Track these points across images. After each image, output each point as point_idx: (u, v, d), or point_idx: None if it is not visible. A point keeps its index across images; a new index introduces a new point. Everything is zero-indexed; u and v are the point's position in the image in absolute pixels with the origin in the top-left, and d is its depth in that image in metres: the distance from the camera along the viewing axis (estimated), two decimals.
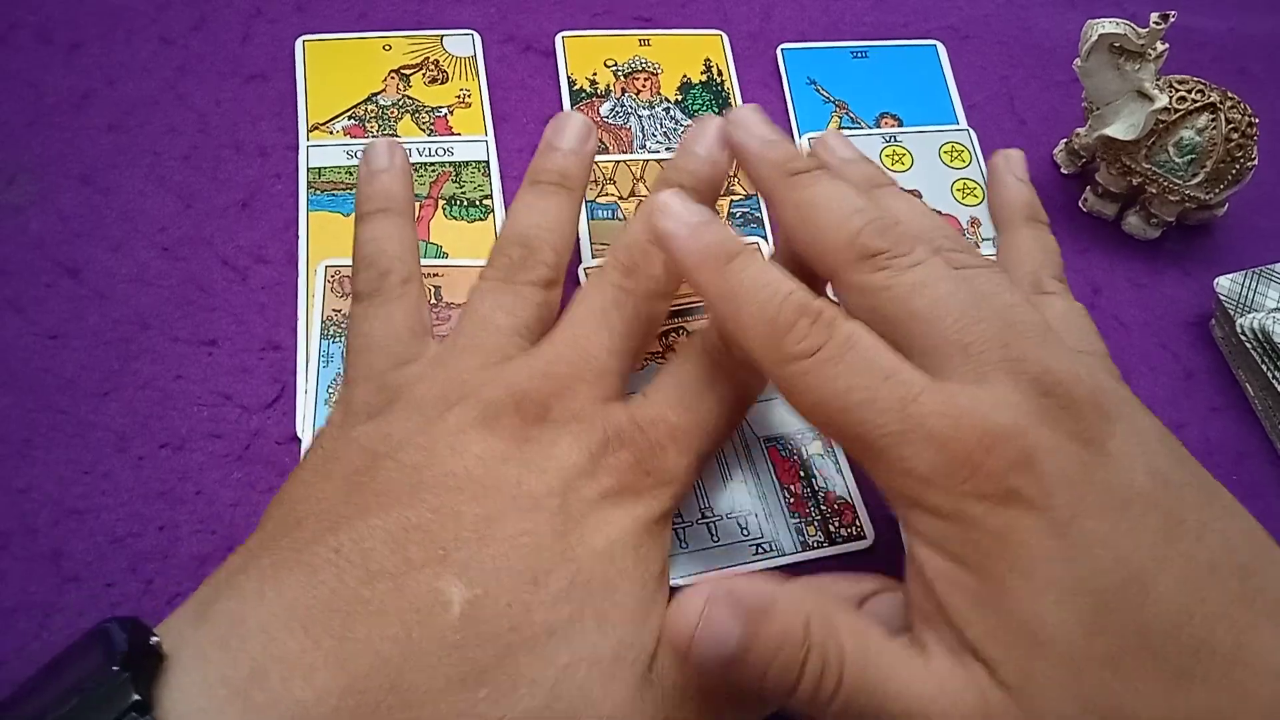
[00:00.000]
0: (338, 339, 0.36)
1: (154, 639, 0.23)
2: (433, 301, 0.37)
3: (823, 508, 0.34)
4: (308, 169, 0.40)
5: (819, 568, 0.29)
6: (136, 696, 0.21)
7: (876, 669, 0.24)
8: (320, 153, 0.40)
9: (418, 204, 0.40)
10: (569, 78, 0.44)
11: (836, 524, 0.34)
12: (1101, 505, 0.24)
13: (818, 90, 0.45)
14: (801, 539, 0.34)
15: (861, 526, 0.34)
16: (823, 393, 0.26)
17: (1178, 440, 0.28)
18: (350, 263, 0.34)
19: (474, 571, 0.25)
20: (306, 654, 0.23)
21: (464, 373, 0.29)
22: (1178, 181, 0.40)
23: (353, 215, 0.39)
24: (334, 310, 0.37)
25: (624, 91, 0.44)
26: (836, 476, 0.35)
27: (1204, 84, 0.39)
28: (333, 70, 0.43)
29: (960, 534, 0.25)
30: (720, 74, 0.45)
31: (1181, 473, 0.26)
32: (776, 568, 0.33)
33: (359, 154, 0.40)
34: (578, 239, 0.38)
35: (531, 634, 0.24)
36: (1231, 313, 0.39)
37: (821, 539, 0.34)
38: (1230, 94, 0.39)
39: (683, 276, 0.30)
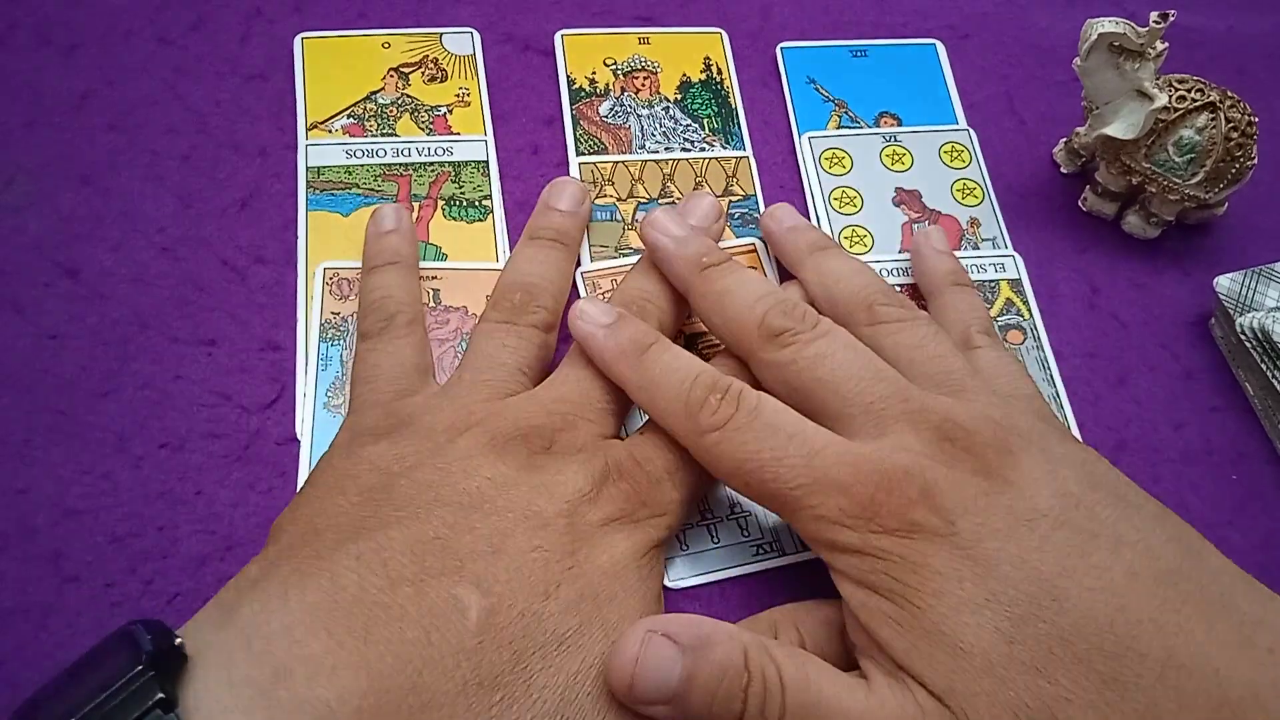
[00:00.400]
0: (336, 341, 0.36)
1: (178, 640, 0.23)
2: (431, 305, 0.37)
3: None
4: (306, 168, 0.40)
5: (820, 567, 0.29)
6: (161, 694, 0.21)
7: (819, 693, 0.26)
8: (319, 152, 0.40)
9: (417, 204, 0.40)
10: (568, 76, 0.44)
11: None
12: (1005, 527, 0.26)
13: (817, 89, 0.45)
14: (801, 540, 0.34)
15: None
16: (736, 457, 0.29)
17: (1105, 462, 0.30)
18: (349, 264, 0.35)
19: (489, 582, 0.26)
20: (330, 655, 0.23)
21: (471, 404, 0.31)
22: (1177, 181, 0.40)
23: (351, 214, 0.39)
24: (333, 313, 0.37)
25: (623, 90, 0.44)
26: None
27: (1204, 83, 0.39)
28: (331, 69, 0.43)
29: (873, 565, 0.27)
30: (720, 73, 0.45)
31: (1096, 493, 0.28)
32: (777, 568, 0.33)
33: (358, 152, 0.40)
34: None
35: (543, 642, 0.26)
36: (1231, 312, 0.39)
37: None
38: (1230, 93, 0.39)
39: (605, 370, 0.32)
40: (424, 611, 0.25)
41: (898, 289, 0.39)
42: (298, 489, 0.33)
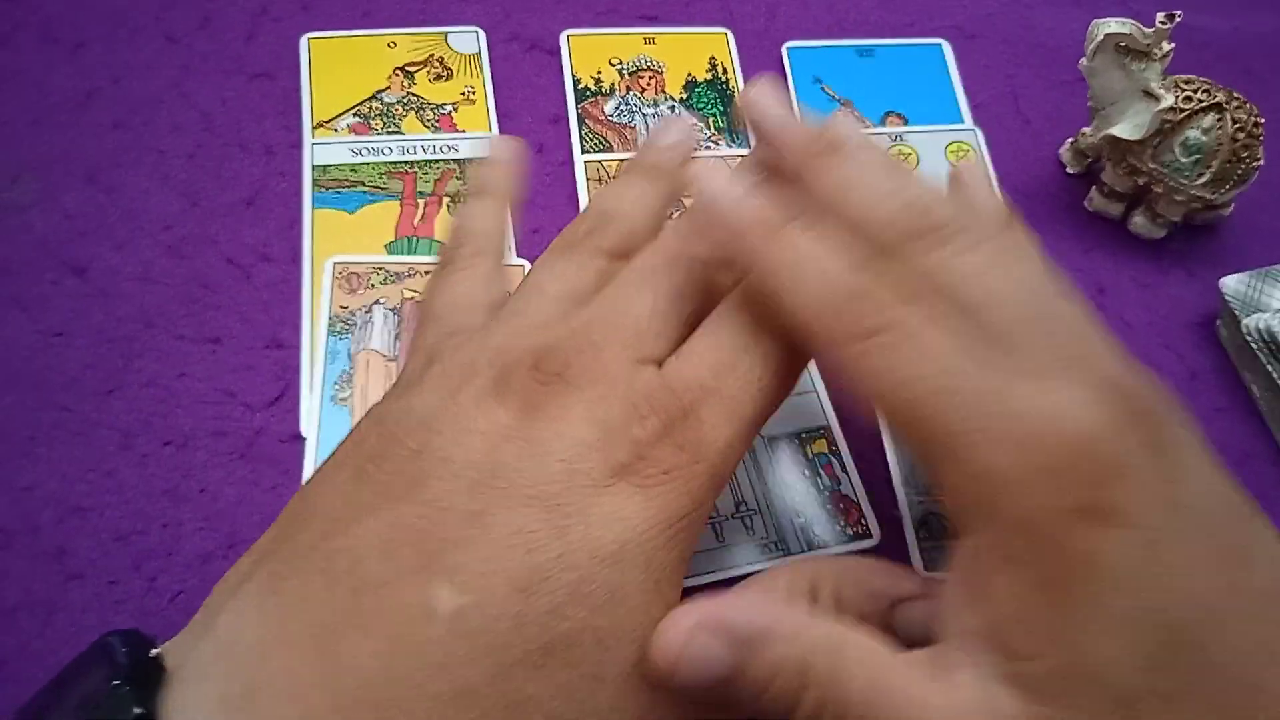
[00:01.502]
0: (344, 336, 0.36)
1: (154, 651, 0.22)
2: None
3: (828, 506, 0.34)
4: (312, 167, 0.40)
5: None
6: (139, 710, 0.20)
7: (888, 699, 0.22)
8: (325, 150, 0.40)
9: (422, 201, 0.40)
10: (574, 76, 0.44)
11: (842, 523, 0.34)
12: (1180, 528, 0.22)
13: (823, 89, 0.45)
14: (809, 537, 0.34)
15: (867, 525, 0.34)
16: (893, 378, 0.23)
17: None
18: (358, 259, 0.35)
19: (463, 576, 0.22)
20: (295, 673, 0.22)
21: (496, 338, 0.26)
22: (1184, 181, 0.39)
23: (357, 212, 0.39)
24: (341, 307, 0.37)
25: (629, 90, 0.44)
26: (842, 475, 0.35)
27: (1210, 84, 0.39)
28: (337, 68, 0.43)
29: (1037, 549, 0.22)
30: (725, 72, 0.45)
31: (1238, 494, 0.24)
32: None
33: (363, 150, 0.40)
34: None
35: (525, 652, 0.22)
36: (1237, 313, 0.39)
37: (828, 538, 0.34)
38: (1236, 94, 0.39)
39: (731, 246, 0.26)
40: (390, 619, 0.22)
41: None
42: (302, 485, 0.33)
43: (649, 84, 0.44)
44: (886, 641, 0.23)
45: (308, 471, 0.34)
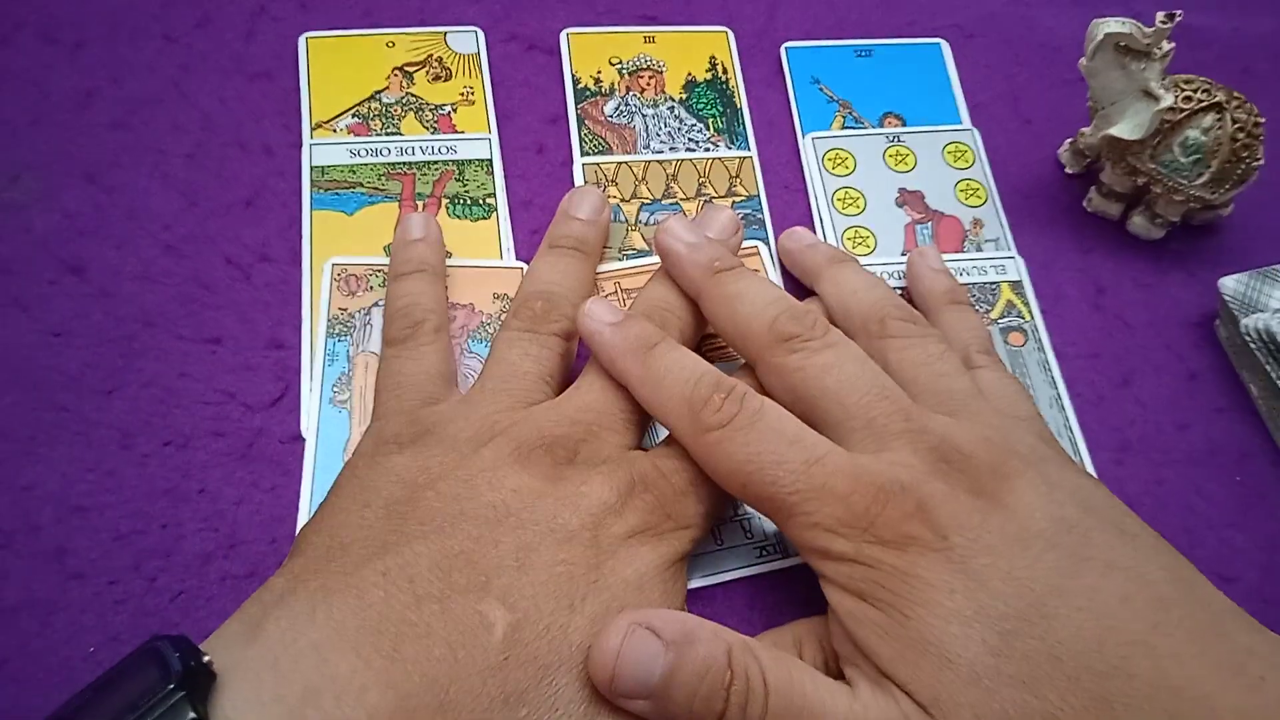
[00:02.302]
0: (343, 337, 0.36)
1: (205, 658, 0.23)
2: None
3: None
4: (311, 167, 0.40)
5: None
6: (193, 714, 0.21)
7: (804, 696, 0.26)
8: (324, 151, 0.40)
9: (421, 203, 0.40)
10: (573, 75, 0.44)
11: None
12: (998, 545, 0.27)
13: (822, 89, 0.45)
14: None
15: None
16: (736, 458, 0.29)
17: (1103, 490, 0.30)
18: (357, 260, 0.36)
19: (514, 597, 0.26)
20: (358, 674, 0.23)
21: (494, 414, 0.31)
22: (1183, 181, 0.39)
23: (356, 213, 0.39)
24: (340, 308, 0.37)
25: (628, 90, 0.44)
26: None
27: (1210, 83, 0.39)
28: (336, 68, 0.43)
29: (864, 574, 0.27)
30: (725, 72, 0.45)
31: (1091, 518, 0.28)
32: (780, 570, 0.33)
33: (362, 151, 0.40)
34: None
35: (569, 656, 0.26)
36: (1236, 313, 0.39)
37: None
38: (1236, 94, 0.39)
39: (609, 367, 0.32)
40: (450, 628, 0.25)
41: (900, 292, 0.39)
42: (302, 486, 0.33)
43: (649, 84, 0.44)
44: (803, 663, 0.28)
45: (308, 472, 0.34)
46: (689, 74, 0.45)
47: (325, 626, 0.24)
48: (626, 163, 0.42)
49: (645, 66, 0.45)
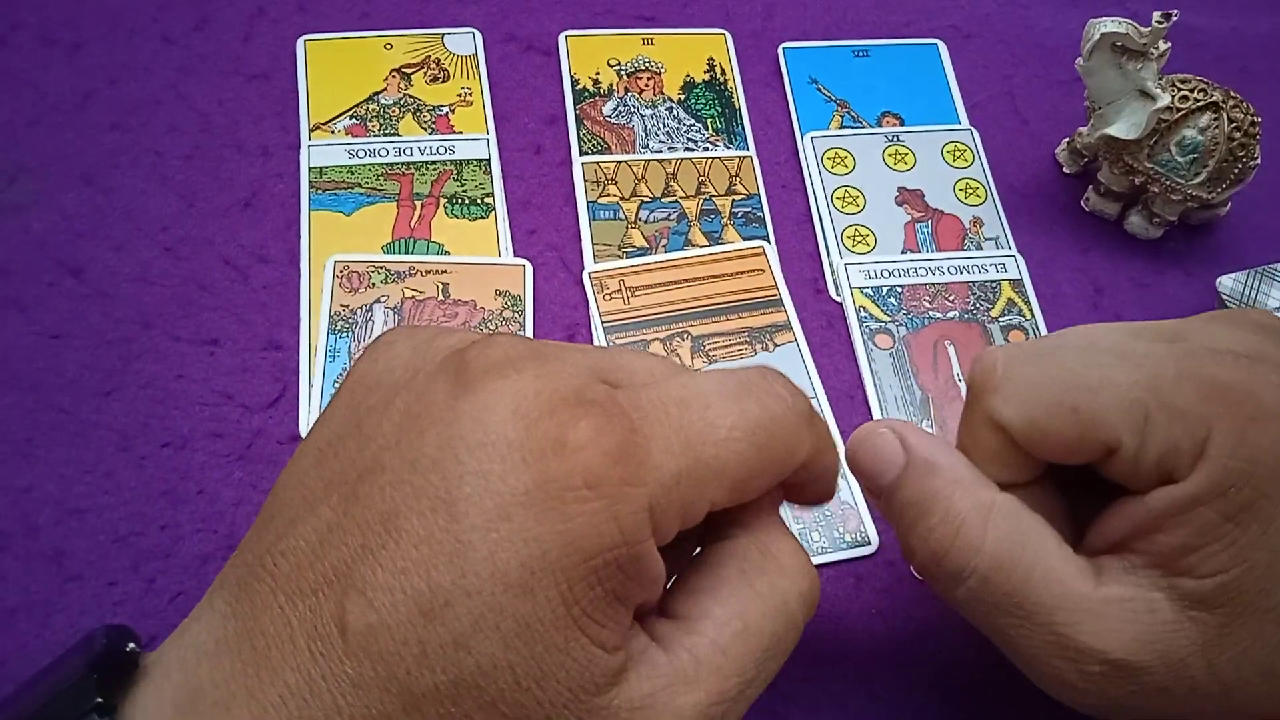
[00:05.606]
0: (345, 334, 0.36)
1: (130, 646, 0.22)
2: (440, 298, 0.37)
3: (827, 513, 0.34)
4: (309, 168, 0.40)
5: (824, 573, 0.29)
6: (99, 699, 0.20)
7: (1045, 579, 0.25)
8: (321, 152, 0.40)
9: (418, 203, 0.40)
10: (571, 77, 0.44)
11: (841, 529, 0.34)
12: None
13: (819, 89, 0.45)
14: (807, 544, 0.34)
15: (866, 532, 0.34)
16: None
17: None
18: (359, 257, 0.36)
19: (372, 592, 0.20)
20: (230, 682, 0.21)
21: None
22: (1180, 181, 0.40)
23: (354, 214, 0.39)
24: (341, 305, 0.37)
25: (627, 91, 0.44)
26: (841, 483, 0.35)
27: (1206, 83, 0.39)
28: (334, 69, 0.43)
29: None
30: (723, 73, 0.45)
31: None
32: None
33: (360, 152, 0.40)
34: (579, 244, 0.40)
35: (433, 685, 0.20)
36: None
37: (826, 544, 0.34)
38: (1233, 93, 0.39)
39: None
40: (309, 633, 0.20)
41: (900, 290, 0.39)
42: None
43: (647, 85, 0.44)
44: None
45: None
46: (687, 75, 0.45)
47: (225, 626, 0.22)
48: (626, 162, 0.42)
49: (643, 68, 0.45)
